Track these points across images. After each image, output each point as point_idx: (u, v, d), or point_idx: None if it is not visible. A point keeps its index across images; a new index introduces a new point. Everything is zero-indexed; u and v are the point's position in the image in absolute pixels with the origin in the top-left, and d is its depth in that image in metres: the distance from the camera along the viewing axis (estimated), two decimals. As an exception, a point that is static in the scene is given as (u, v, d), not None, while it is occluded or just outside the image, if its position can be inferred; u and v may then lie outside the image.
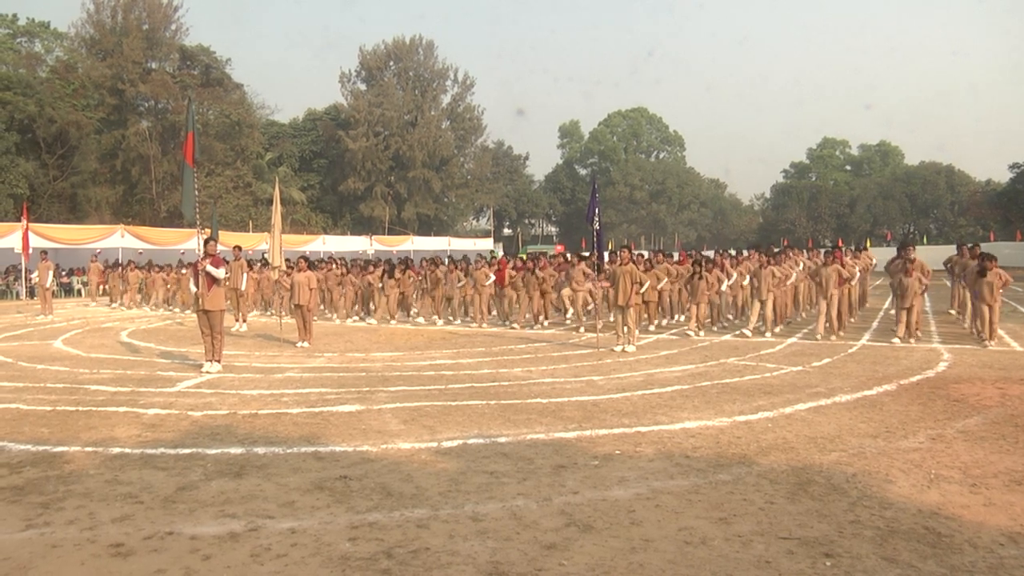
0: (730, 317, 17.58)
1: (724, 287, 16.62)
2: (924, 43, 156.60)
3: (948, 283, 19.58)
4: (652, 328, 16.25)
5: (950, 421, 7.45)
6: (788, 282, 16.05)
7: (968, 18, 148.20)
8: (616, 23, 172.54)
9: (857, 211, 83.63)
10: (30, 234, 27.30)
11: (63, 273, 33.18)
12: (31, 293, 28.24)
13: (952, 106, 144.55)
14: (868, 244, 30.11)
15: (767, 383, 9.80)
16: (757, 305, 15.28)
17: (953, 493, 5.28)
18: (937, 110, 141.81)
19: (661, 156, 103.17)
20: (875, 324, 16.87)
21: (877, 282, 24.41)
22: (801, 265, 17.44)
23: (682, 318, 17.58)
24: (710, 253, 19.99)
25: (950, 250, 21.07)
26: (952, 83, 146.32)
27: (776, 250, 17.90)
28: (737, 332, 15.44)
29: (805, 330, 15.70)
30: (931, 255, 24.17)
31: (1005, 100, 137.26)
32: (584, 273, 16.75)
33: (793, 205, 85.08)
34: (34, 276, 24.41)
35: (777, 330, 15.50)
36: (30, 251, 26.88)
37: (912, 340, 13.62)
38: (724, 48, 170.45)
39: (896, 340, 13.67)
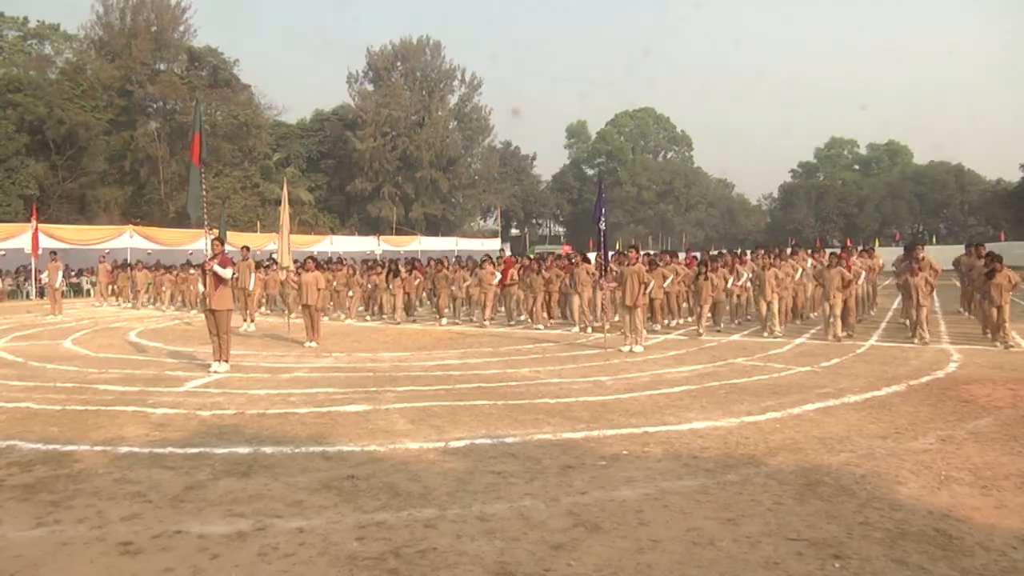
0: (737, 322, 17.51)
1: (729, 285, 16.57)
2: (934, 43, 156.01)
3: (958, 283, 19.46)
4: (659, 328, 16.21)
5: (960, 422, 7.40)
6: (796, 276, 15.99)
7: (979, 18, 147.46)
8: (621, 23, 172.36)
9: (866, 211, 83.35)
10: (40, 234, 27.51)
11: (72, 273, 33.30)
12: (41, 293, 28.36)
13: (962, 105, 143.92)
14: (876, 243, 29.89)
15: (775, 383, 9.76)
16: (763, 306, 15.25)
17: (964, 495, 5.25)
18: (946, 109, 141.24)
19: (668, 156, 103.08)
20: (883, 325, 16.77)
21: (886, 282, 24.27)
22: (809, 263, 17.39)
23: (691, 319, 17.55)
24: (715, 253, 19.95)
25: (960, 250, 20.97)
26: (962, 82, 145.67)
27: (788, 250, 17.86)
28: (753, 330, 15.44)
29: (813, 330, 15.63)
30: (941, 255, 24.04)
31: (1015, 99, 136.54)
32: (588, 272, 16.72)
33: (801, 205, 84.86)
34: (44, 276, 24.52)
35: (783, 330, 15.46)
36: (40, 251, 27.06)
37: (916, 339, 13.54)
38: (731, 48, 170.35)
39: (916, 341, 13.57)
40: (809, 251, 21.16)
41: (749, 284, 16.71)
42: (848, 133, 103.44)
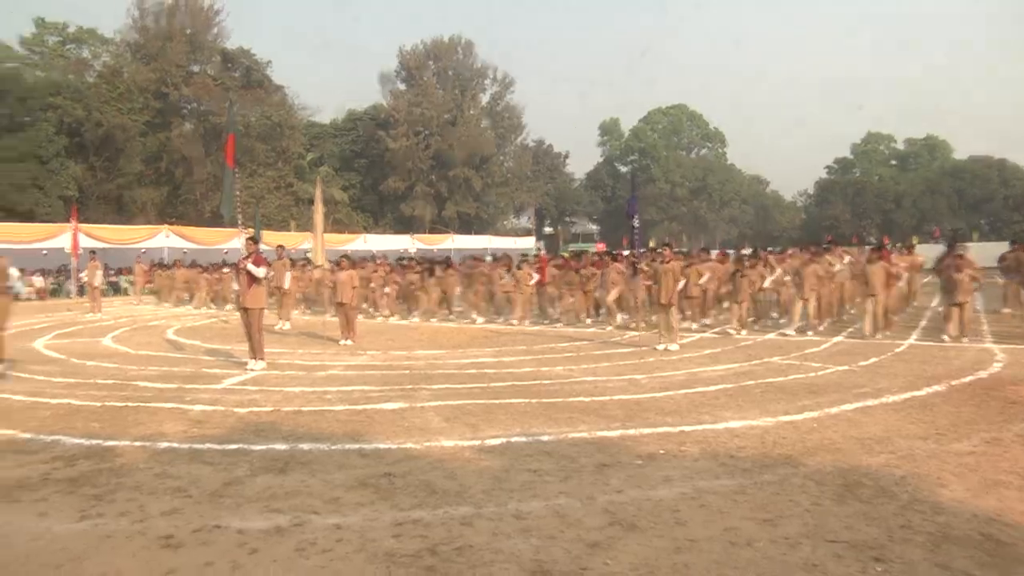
0: (774, 315, 17.37)
1: (767, 283, 16.40)
2: (973, 34, 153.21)
3: (1001, 280, 19.09)
4: (695, 327, 16.12)
5: (1007, 424, 7.25)
6: (834, 270, 15.76)
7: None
8: (654, 20, 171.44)
9: (903, 207, 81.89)
10: (79, 234, 28.05)
11: (111, 272, 33.85)
12: (81, 292, 28.83)
13: (1003, 97, 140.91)
14: (915, 242, 29.39)
15: (812, 382, 9.66)
16: (799, 304, 15.08)
17: (1013, 499, 5.13)
18: (987, 102, 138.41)
19: (702, 153, 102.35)
20: (923, 323, 16.52)
21: (925, 280, 23.87)
22: (846, 259, 17.15)
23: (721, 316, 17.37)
24: (748, 251, 19.60)
25: (1003, 247, 20.57)
26: (1005, 74, 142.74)
27: (824, 246, 17.60)
28: (780, 332, 15.27)
29: (850, 329, 15.45)
30: (983, 252, 23.61)
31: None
32: (618, 271, 16.67)
33: (837, 201, 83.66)
34: (83, 275, 24.97)
35: (821, 328, 15.28)
36: (79, 251, 27.57)
37: (964, 339, 13.32)
38: (762, 44, 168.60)
39: (946, 338, 13.40)
40: (845, 249, 20.85)
41: (787, 278, 16.48)
42: (885, 128, 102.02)
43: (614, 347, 13.66)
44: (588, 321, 17.70)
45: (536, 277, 18.26)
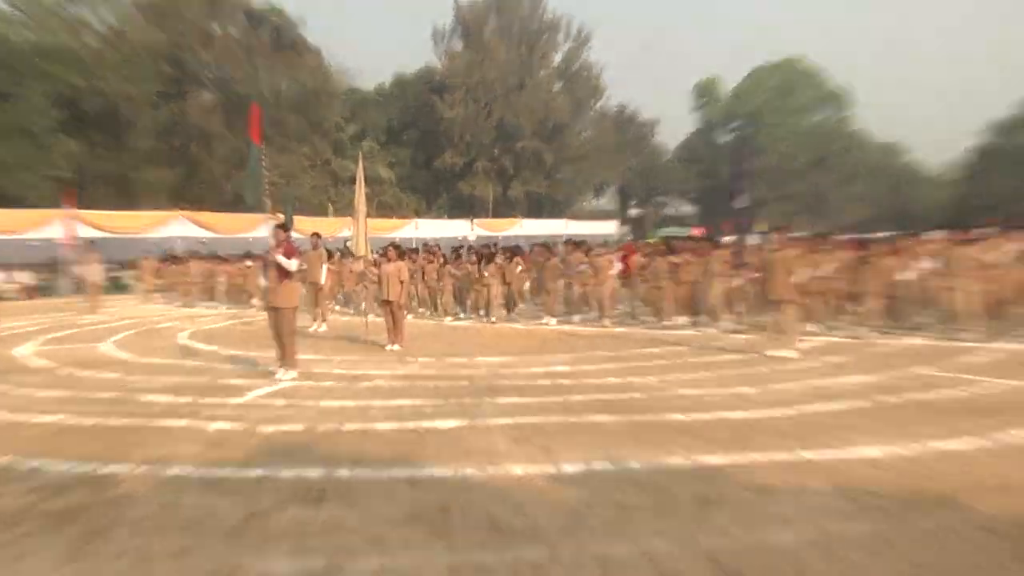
0: (919, 315, 16.86)
1: (909, 273, 15.94)
2: None
3: None
4: (817, 328, 15.77)
5: None
6: (992, 262, 15.23)
7: None
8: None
9: (1099, 176, 78.62)
10: (76, 222, 28.86)
11: (112, 267, 34.64)
12: (77, 289, 29.58)
13: None
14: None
15: (972, 400, 9.32)
16: (958, 297, 14.58)
17: None
18: None
19: (820, 117, 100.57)
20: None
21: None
22: (1014, 248, 16.54)
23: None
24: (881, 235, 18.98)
25: None
26: None
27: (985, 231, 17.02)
28: (925, 334, 14.85)
29: (1021, 331, 14.92)
30: None
31: None
32: (723, 262, 16.44)
33: (996, 173, 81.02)
34: (78, 269, 25.62)
35: (982, 331, 14.75)
36: (77, 241, 28.35)
37: None
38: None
39: None
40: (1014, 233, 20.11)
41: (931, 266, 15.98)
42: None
43: (717, 353, 13.50)
44: (685, 321, 17.47)
45: (619, 265, 18.09)
